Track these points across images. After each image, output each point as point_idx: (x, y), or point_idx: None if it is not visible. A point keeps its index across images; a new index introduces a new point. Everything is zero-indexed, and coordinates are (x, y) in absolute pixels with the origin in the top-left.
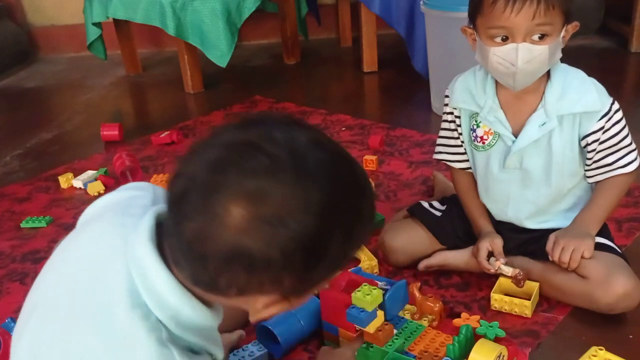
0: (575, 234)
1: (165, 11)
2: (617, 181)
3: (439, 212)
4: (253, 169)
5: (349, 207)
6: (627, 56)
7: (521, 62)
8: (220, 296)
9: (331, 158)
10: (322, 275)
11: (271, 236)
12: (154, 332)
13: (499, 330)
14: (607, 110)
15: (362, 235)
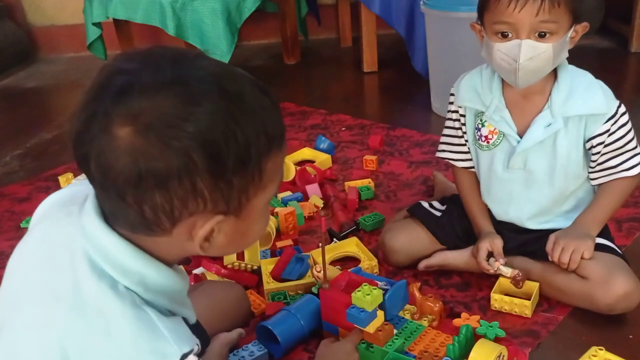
0: (576, 234)
1: (165, 11)
2: (620, 184)
3: (439, 212)
4: (121, 88)
5: (227, 97)
6: (627, 56)
7: (523, 58)
8: (163, 235)
9: (195, 59)
10: (244, 177)
11: (161, 143)
12: (126, 298)
13: (499, 330)
14: (614, 113)
15: (256, 125)
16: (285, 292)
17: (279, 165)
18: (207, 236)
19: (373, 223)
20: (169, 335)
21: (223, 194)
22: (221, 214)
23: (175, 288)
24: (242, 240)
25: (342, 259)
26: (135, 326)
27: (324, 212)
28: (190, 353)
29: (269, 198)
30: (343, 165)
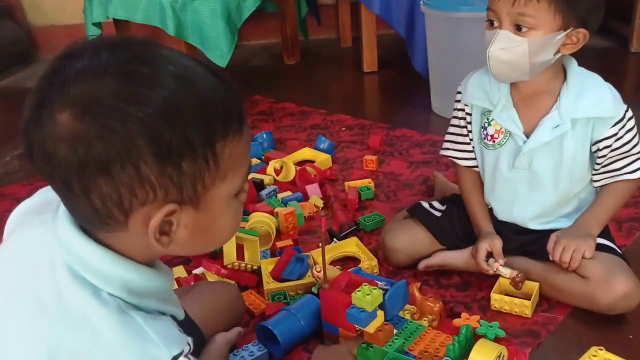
0: (577, 234)
1: (165, 11)
2: (622, 186)
3: (439, 213)
4: (63, 74)
5: (171, 78)
6: (627, 56)
7: (495, 47)
8: (121, 230)
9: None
10: (195, 163)
11: (100, 126)
12: (110, 305)
13: (499, 330)
14: (621, 117)
15: (205, 107)
16: (285, 292)
17: (240, 154)
18: (164, 230)
19: (373, 223)
20: (158, 338)
21: (173, 181)
22: (174, 202)
23: (160, 287)
24: (208, 236)
25: (342, 259)
26: (123, 333)
27: (324, 212)
28: (180, 355)
29: (232, 190)
30: (343, 165)
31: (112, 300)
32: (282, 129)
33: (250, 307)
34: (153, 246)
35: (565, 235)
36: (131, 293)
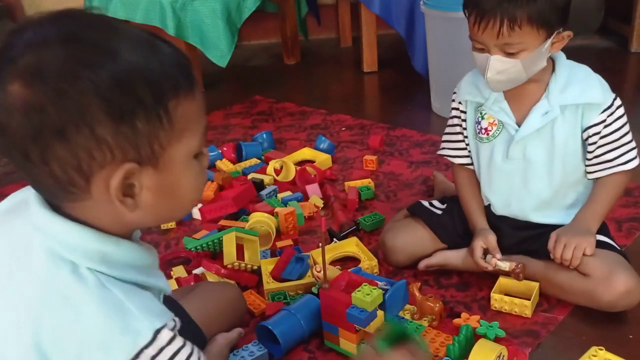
0: (576, 231)
1: (165, 11)
2: (616, 178)
3: (440, 211)
4: (12, 46)
5: (117, 39)
6: (627, 56)
7: (491, 73)
8: (86, 198)
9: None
10: (149, 121)
11: (50, 91)
12: (88, 280)
13: (499, 330)
14: (610, 104)
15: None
16: (285, 292)
17: (194, 113)
18: (127, 192)
19: (373, 223)
20: (138, 312)
21: (129, 140)
22: (133, 162)
23: (141, 260)
24: (172, 199)
25: (342, 259)
26: (102, 308)
27: (324, 212)
28: (163, 328)
29: (190, 150)
30: (343, 165)
31: (91, 276)
32: (282, 129)
33: (251, 307)
34: (121, 213)
35: (565, 233)
36: (111, 266)
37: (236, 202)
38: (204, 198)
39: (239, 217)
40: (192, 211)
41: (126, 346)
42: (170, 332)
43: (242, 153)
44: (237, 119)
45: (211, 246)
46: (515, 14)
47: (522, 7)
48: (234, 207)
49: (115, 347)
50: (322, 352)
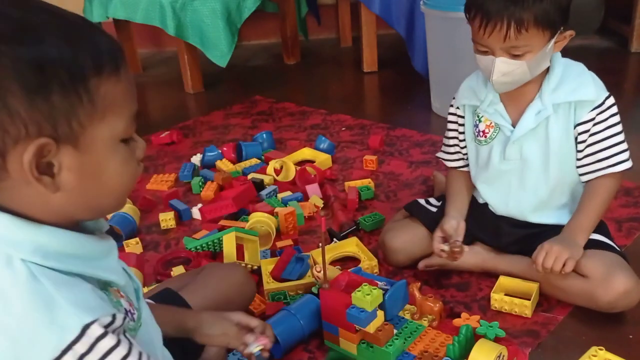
0: (562, 243)
1: (165, 11)
2: (604, 183)
3: (435, 208)
4: None
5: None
6: (627, 56)
7: (497, 75)
8: (6, 179)
9: None
10: (67, 97)
11: None
12: (20, 272)
13: (499, 330)
14: (601, 102)
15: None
16: (285, 292)
17: (119, 96)
18: (45, 170)
19: (373, 223)
20: (68, 305)
21: (44, 115)
22: (48, 137)
23: (84, 251)
24: (98, 183)
25: (342, 259)
26: (30, 301)
27: (324, 212)
28: (93, 323)
29: (115, 132)
30: (343, 165)
31: (23, 268)
32: (282, 129)
33: (251, 307)
34: (43, 195)
35: (551, 243)
36: (46, 256)
37: (236, 202)
38: (204, 198)
39: (239, 217)
40: (192, 211)
41: (52, 342)
42: (101, 329)
43: (242, 153)
44: (237, 119)
45: (211, 246)
46: (522, 16)
47: (528, 9)
48: (234, 207)
49: (41, 341)
50: (322, 352)
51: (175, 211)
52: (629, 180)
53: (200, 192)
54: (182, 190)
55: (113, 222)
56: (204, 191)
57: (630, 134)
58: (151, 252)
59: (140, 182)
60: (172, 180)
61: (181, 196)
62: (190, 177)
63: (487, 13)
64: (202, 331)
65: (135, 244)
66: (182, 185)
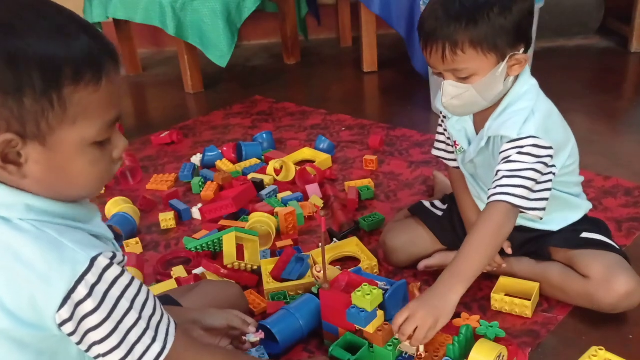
0: (430, 302)
1: (165, 11)
2: (494, 212)
3: (440, 212)
4: None
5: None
6: (627, 56)
7: (446, 98)
8: None
9: None
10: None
11: None
12: (21, 227)
13: (499, 330)
14: (517, 138)
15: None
16: (285, 292)
17: (94, 104)
18: (10, 159)
19: (373, 223)
20: (74, 245)
21: (14, 114)
22: (16, 134)
23: (70, 213)
24: (65, 178)
25: (342, 259)
26: (37, 245)
27: (324, 212)
28: (99, 255)
29: (85, 136)
30: (343, 165)
31: (23, 223)
32: (282, 129)
33: (251, 306)
34: (10, 179)
35: (416, 304)
36: (40, 214)
37: (236, 202)
38: (204, 198)
39: (239, 217)
40: (192, 211)
41: (65, 274)
42: (107, 260)
43: (242, 153)
44: (237, 119)
45: (211, 246)
46: (457, 38)
47: (461, 31)
48: (234, 207)
49: (56, 277)
50: (322, 352)
51: (175, 211)
52: (629, 180)
53: (200, 192)
54: (182, 190)
55: (113, 222)
56: (204, 191)
57: (630, 134)
58: (151, 252)
59: (140, 182)
60: (172, 180)
61: (181, 196)
62: (190, 177)
63: (425, 34)
64: (205, 322)
65: (135, 244)
66: (182, 185)
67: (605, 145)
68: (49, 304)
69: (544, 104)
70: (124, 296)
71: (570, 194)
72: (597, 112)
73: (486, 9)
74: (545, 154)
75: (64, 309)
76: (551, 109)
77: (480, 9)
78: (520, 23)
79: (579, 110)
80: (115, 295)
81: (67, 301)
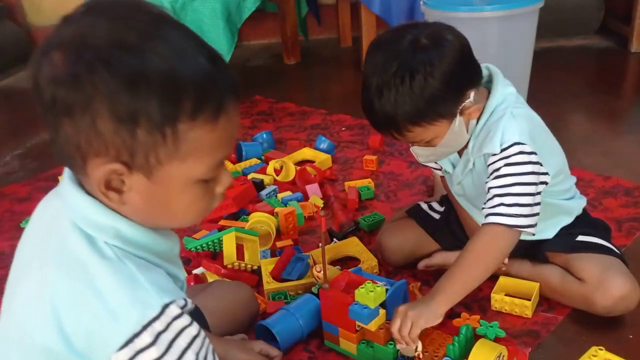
0: (422, 307)
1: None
2: (481, 239)
3: (438, 215)
4: (69, 17)
5: (148, 40)
6: (627, 56)
7: (421, 159)
8: (84, 174)
9: None
10: (151, 134)
11: (73, 71)
12: (105, 253)
13: (499, 330)
14: (502, 149)
15: (176, 81)
16: (285, 292)
17: (208, 143)
18: (113, 186)
19: (373, 223)
20: (149, 286)
21: (125, 144)
22: (123, 164)
23: (156, 244)
24: (165, 211)
25: (342, 259)
26: (115, 278)
27: (324, 212)
28: (172, 303)
29: (193, 174)
30: (343, 165)
31: (107, 249)
32: (282, 129)
33: None
34: (109, 204)
35: (407, 307)
36: (126, 242)
37: (236, 202)
38: None
39: (239, 217)
40: None
41: (134, 316)
42: (178, 309)
43: (242, 153)
44: None
45: (211, 246)
46: (397, 126)
47: (392, 125)
48: (234, 207)
49: (123, 316)
50: (322, 352)
51: None
52: (629, 180)
53: None
54: None
55: None
56: (209, 212)
57: (630, 134)
58: None
59: None
60: None
61: None
62: None
63: (370, 124)
64: (228, 357)
65: None
66: None
67: (605, 145)
68: (109, 342)
69: (522, 109)
70: (190, 348)
71: (562, 199)
72: (597, 112)
73: (405, 88)
74: (535, 159)
75: (123, 351)
76: (530, 113)
77: (398, 102)
78: (452, 78)
79: (579, 110)
80: (181, 345)
81: (129, 345)
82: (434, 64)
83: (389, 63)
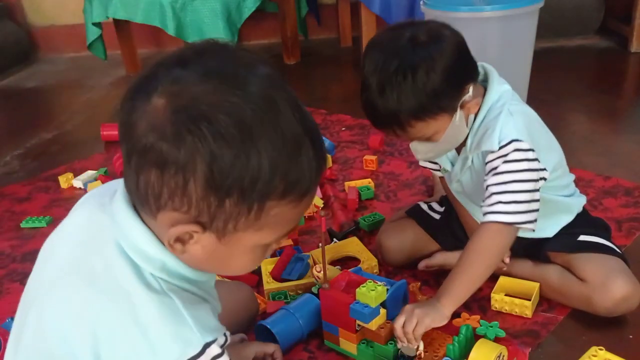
0: (427, 307)
1: (165, 11)
2: (480, 238)
3: (438, 215)
4: (180, 59)
5: (264, 124)
6: (627, 56)
7: (420, 155)
8: (151, 217)
9: (258, 70)
10: (239, 206)
11: (177, 129)
12: (151, 284)
13: (499, 330)
14: (500, 146)
15: (278, 163)
16: (285, 292)
17: (286, 218)
18: (181, 238)
19: (373, 223)
20: (193, 323)
21: (210, 209)
22: (200, 225)
23: (198, 277)
24: (220, 264)
25: (342, 259)
26: (159, 311)
27: (324, 212)
28: (213, 342)
29: (262, 241)
30: (343, 165)
31: (154, 281)
32: None
33: None
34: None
35: (413, 306)
36: (170, 275)
37: None
38: None
39: None
40: None
41: (174, 353)
42: (218, 348)
43: None
44: None
45: None
46: (400, 121)
47: (395, 122)
48: None
49: (163, 352)
50: (322, 352)
51: None
52: (629, 180)
53: None
54: None
55: None
56: None
57: (630, 134)
58: None
59: None
60: None
61: None
62: None
63: (370, 122)
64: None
65: None
66: None
67: (605, 145)
68: None
69: (518, 106)
70: None
71: (561, 196)
72: (597, 112)
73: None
74: (532, 156)
75: None
76: (526, 109)
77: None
78: (451, 73)
79: (579, 110)
80: None
81: None
82: (435, 59)
83: (389, 61)
